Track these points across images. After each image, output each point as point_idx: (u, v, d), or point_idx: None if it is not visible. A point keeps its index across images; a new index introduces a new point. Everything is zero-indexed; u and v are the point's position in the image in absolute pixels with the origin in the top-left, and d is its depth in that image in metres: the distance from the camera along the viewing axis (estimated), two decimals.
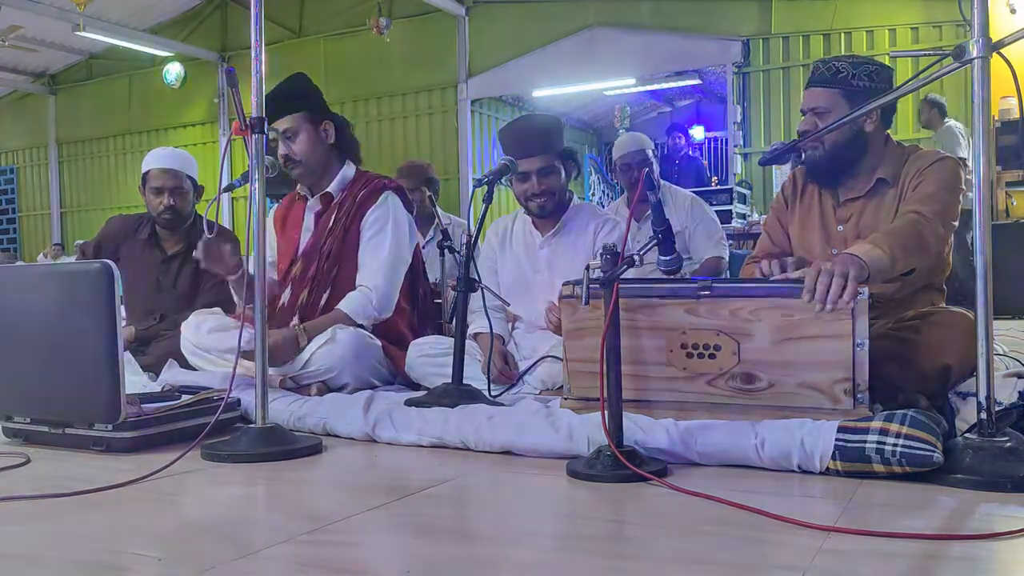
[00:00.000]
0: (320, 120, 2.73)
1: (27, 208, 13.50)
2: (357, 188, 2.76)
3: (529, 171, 2.62)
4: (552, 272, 2.70)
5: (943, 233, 2.01)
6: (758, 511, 1.36)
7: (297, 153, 2.69)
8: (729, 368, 1.83)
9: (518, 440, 1.85)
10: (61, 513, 1.46)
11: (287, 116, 2.67)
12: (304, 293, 2.70)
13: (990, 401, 1.55)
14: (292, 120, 2.68)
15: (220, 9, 10.98)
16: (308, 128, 2.70)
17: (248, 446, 1.87)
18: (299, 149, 2.69)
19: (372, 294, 2.63)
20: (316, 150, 2.72)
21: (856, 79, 2.09)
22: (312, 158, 2.72)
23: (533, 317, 2.70)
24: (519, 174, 2.63)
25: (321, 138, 2.73)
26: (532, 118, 2.98)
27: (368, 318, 2.64)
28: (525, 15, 9.43)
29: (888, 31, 7.94)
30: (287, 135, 2.68)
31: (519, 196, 2.71)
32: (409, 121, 10.33)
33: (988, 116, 1.57)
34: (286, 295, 2.73)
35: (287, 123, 2.68)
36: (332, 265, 2.71)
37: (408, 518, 1.43)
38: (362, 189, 2.75)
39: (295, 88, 2.73)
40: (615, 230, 2.72)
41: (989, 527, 1.29)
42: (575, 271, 2.64)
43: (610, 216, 2.82)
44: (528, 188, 2.65)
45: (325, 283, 2.70)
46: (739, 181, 8.32)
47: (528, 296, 2.72)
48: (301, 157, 2.70)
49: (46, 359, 1.91)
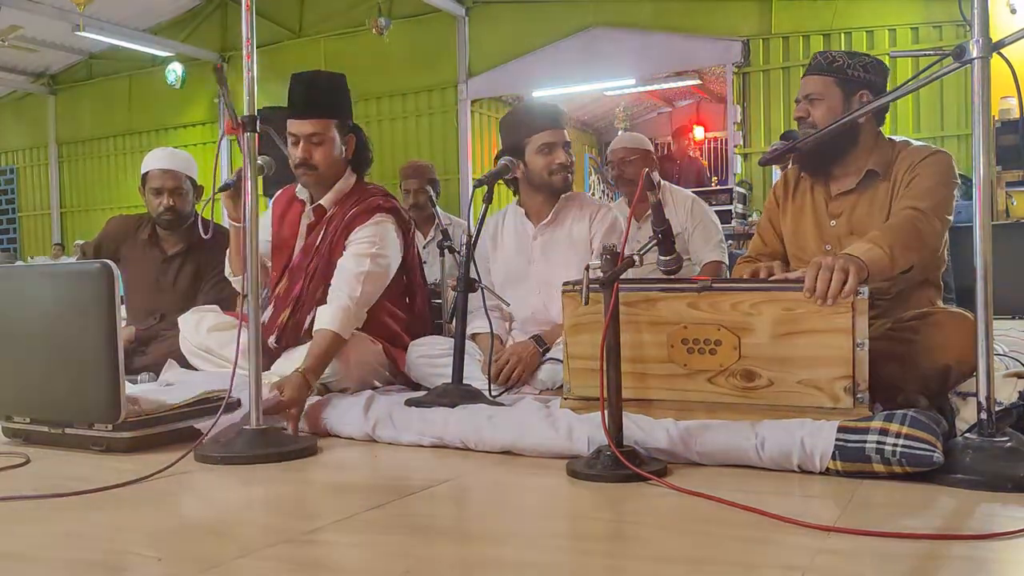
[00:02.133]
0: (346, 132, 2.62)
1: (27, 208, 13.50)
2: (350, 204, 2.61)
3: (556, 142, 2.62)
4: (548, 262, 2.69)
5: (940, 228, 2.01)
6: (758, 511, 1.36)
7: (316, 160, 2.55)
8: (729, 365, 1.83)
9: (518, 440, 1.85)
10: (61, 513, 1.46)
11: (319, 119, 2.54)
12: (286, 313, 2.57)
13: (990, 401, 1.55)
14: (322, 125, 2.54)
15: (220, 9, 10.98)
16: (334, 139, 2.57)
17: (242, 448, 1.87)
18: (320, 157, 2.55)
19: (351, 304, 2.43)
20: (334, 162, 2.59)
21: (851, 68, 2.11)
22: (330, 170, 2.59)
23: (528, 311, 2.69)
24: (544, 145, 2.61)
25: (341, 150, 2.61)
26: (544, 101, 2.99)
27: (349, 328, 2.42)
28: (525, 15, 9.43)
29: (888, 31, 7.94)
30: (313, 139, 2.54)
31: (542, 171, 2.63)
32: (409, 121, 10.33)
33: (988, 116, 1.57)
34: (267, 313, 2.61)
35: (316, 127, 2.53)
36: (316, 286, 2.56)
37: (408, 518, 1.43)
38: (354, 206, 2.59)
39: (334, 89, 2.61)
40: (608, 216, 2.71)
41: (989, 527, 1.29)
42: (571, 259, 2.65)
43: (604, 203, 2.80)
44: (554, 160, 2.62)
45: (310, 304, 2.54)
46: (739, 181, 8.32)
47: (523, 287, 2.70)
48: (319, 165, 2.56)
49: (46, 359, 1.91)
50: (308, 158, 2.55)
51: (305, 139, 2.54)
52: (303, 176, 2.61)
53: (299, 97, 2.57)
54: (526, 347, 2.49)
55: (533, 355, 2.48)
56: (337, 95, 2.63)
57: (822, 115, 2.10)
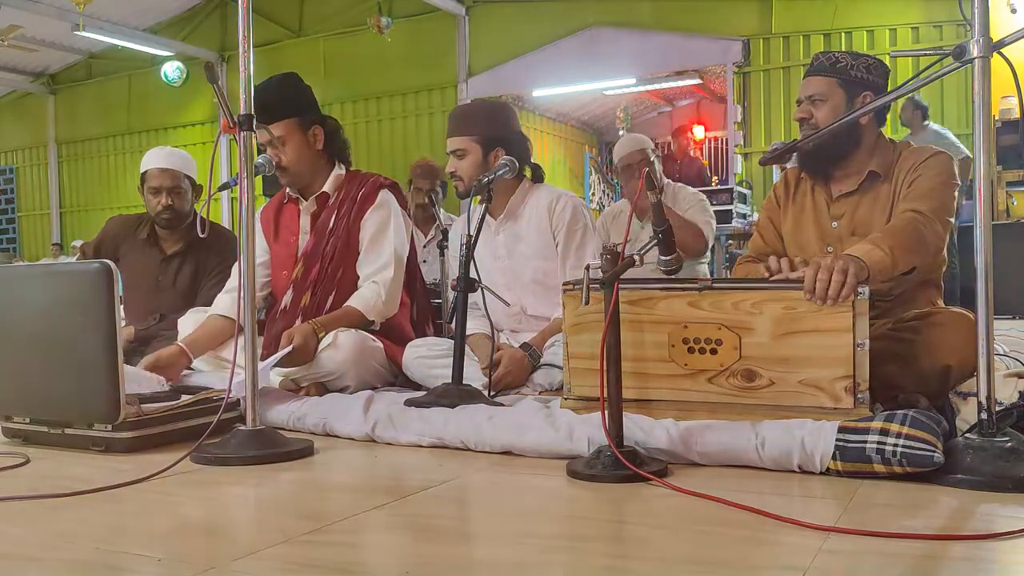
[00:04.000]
0: (309, 126, 2.65)
1: (26, 208, 13.51)
2: (354, 187, 2.71)
3: (448, 150, 2.64)
4: (511, 257, 2.69)
5: (941, 231, 2.01)
6: (759, 511, 1.36)
7: (286, 162, 2.62)
8: (730, 364, 1.83)
9: (518, 440, 1.85)
10: (60, 513, 1.46)
11: (276, 123, 2.59)
12: (307, 296, 2.65)
13: (991, 401, 1.55)
14: (281, 127, 2.59)
15: (220, 8, 10.99)
16: (297, 136, 2.62)
17: (237, 449, 1.86)
18: (288, 158, 2.62)
19: (382, 289, 2.60)
20: (304, 157, 2.65)
21: (854, 70, 2.10)
22: (300, 166, 2.65)
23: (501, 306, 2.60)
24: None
25: (309, 143, 2.65)
26: (472, 103, 2.94)
27: (380, 314, 2.61)
28: (525, 15, 9.43)
29: (888, 31, 7.94)
30: (276, 143, 2.61)
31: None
32: (409, 121, 10.33)
33: (989, 116, 1.57)
34: (287, 298, 2.68)
35: (276, 130, 2.59)
36: (336, 267, 2.66)
37: (408, 518, 1.43)
38: (360, 188, 2.70)
39: (283, 92, 2.64)
40: (568, 208, 2.64)
41: (990, 527, 1.29)
42: (534, 252, 2.65)
43: (563, 191, 2.75)
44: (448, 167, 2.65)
45: (330, 285, 2.65)
46: (739, 181, 8.32)
47: (491, 285, 2.59)
48: (289, 165, 2.63)
49: (45, 359, 1.91)
50: (278, 161, 2.63)
51: (269, 145, 2.62)
52: (281, 178, 2.70)
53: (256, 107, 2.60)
54: (513, 356, 2.46)
55: (521, 364, 2.46)
56: (288, 94, 2.65)
57: (825, 116, 2.09)
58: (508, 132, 2.66)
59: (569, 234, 2.63)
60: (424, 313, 2.91)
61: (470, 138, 2.60)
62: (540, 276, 2.66)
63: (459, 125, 2.64)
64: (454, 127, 2.64)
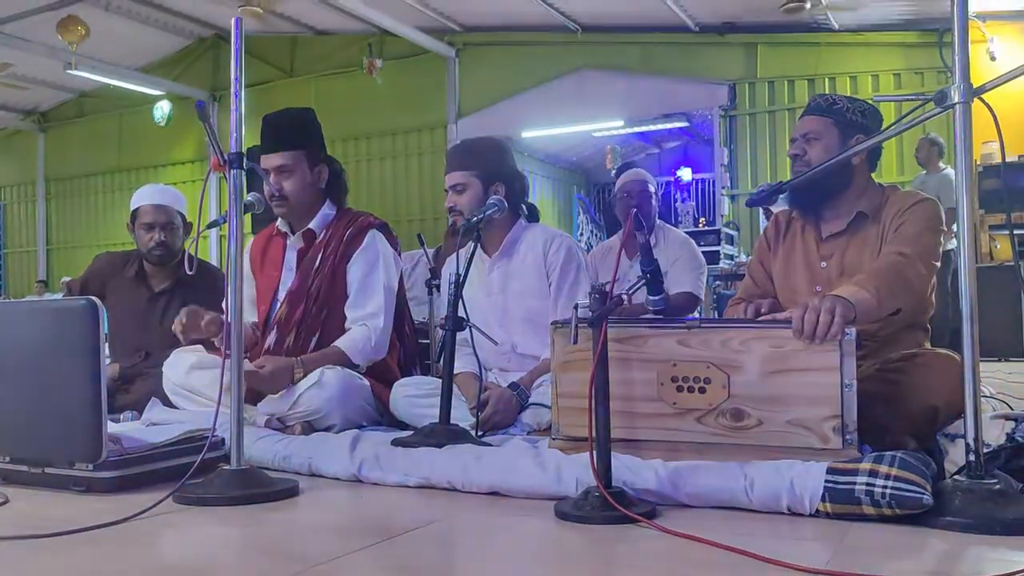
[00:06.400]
0: (316, 162, 2.69)
1: (13, 245, 13.46)
2: (342, 226, 2.70)
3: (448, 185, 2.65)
4: (505, 294, 2.67)
5: (925, 273, 2.03)
6: (748, 553, 1.34)
7: (287, 191, 2.64)
8: (719, 404, 1.83)
9: (506, 481, 1.83)
10: (40, 554, 1.43)
11: (286, 152, 2.62)
12: (291, 336, 2.63)
13: (978, 443, 1.55)
14: (290, 157, 2.62)
15: (212, 49, 11.08)
16: (304, 169, 2.65)
17: (221, 489, 1.82)
18: (290, 188, 2.64)
19: (372, 333, 2.59)
20: (306, 191, 2.67)
21: (850, 112, 2.15)
22: (301, 197, 2.67)
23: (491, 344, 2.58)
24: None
25: (313, 179, 2.68)
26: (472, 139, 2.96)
27: (366, 358, 2.60)
28: (514, 57, 9.57)
29: (871, 76, 8.10)
30: (282, 170, 2.63)
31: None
32: (399, 161, 10.40)
33: (971, 159, 1.59)
34: (271, 339, 2.65)
35: (284, 159, 2.62)
36: (321, 307, 2.64)
37: (394, 560, 1.41)
38: (348, 227, 2.69)
39: (300, 123, 2.68)
40: (563, 247, 2.64)
41: (979, 570, 1.28)
42: (527, 290, 2.64)
43: (558, 232, 2.76)
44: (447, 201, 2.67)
45: (314, 326, 2.63)
46: (726, 222, 8.40)
47: (482, 322, 2.58)
48: (290, 195, 2.64)
49: (28, 396, 1.88)
50: (279, 189, 2.63)
51: (275, 171, 2.63)
52: (277, 208, 2.68)
53: (268, 134, 2.67)
54: (502, 396, 2.45)
55: (509, 403, 2.45)
56: (303, 128, 2.70)
57: (818, 154, 2.13)
58: (507, 167, 2.68)
59: (563, 274, 2.63)
60: (412, 356, 2.90)
61: (470, 173, 2.62)
62: (532, 314, 2.65)
63: (459, 160, 2.65)
64: (454, 162, 2.66)
